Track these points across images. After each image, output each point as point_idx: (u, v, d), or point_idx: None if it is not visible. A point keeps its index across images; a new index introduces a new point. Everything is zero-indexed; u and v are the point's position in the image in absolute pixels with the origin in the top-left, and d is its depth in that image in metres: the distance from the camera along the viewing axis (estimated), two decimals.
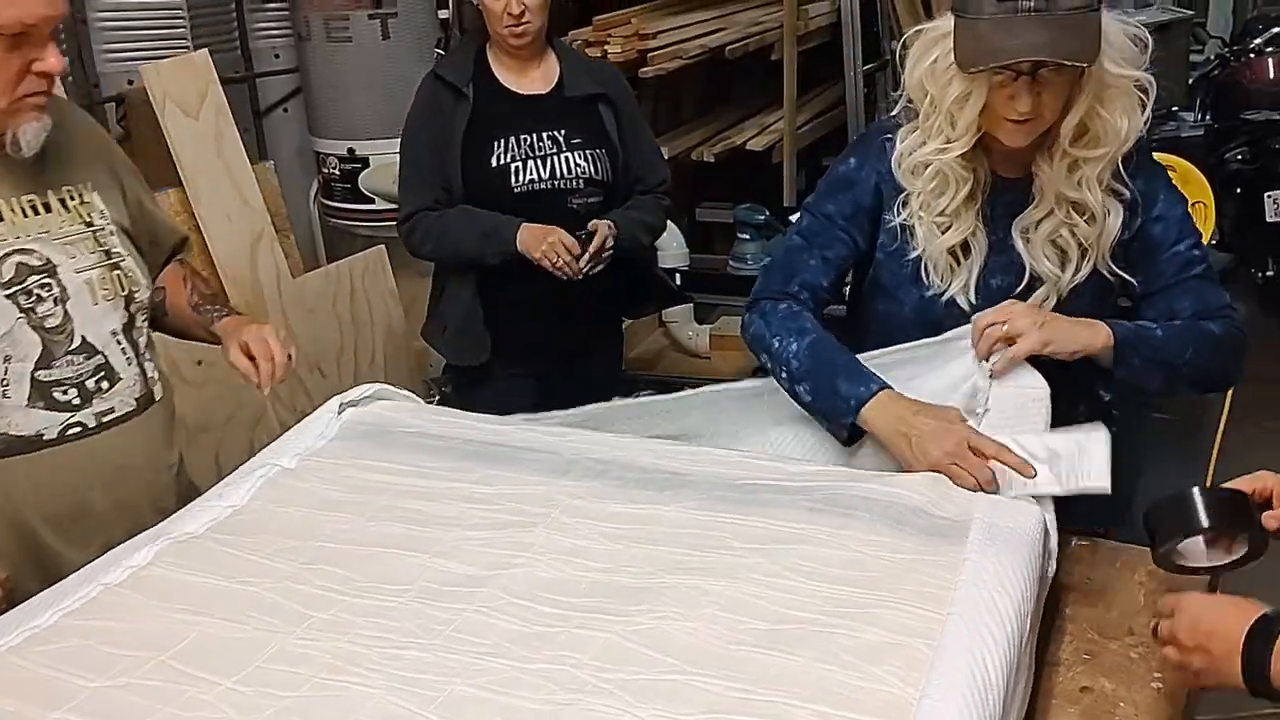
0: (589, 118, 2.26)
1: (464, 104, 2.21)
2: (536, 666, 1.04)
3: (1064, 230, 1.45)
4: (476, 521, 1.31)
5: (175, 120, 2.69)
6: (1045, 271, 1.47)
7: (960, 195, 1.46)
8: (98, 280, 1.44)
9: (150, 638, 1.11)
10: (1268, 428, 2.90)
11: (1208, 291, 1.48)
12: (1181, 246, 1.48)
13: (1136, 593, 1.30)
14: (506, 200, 2.20)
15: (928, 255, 1.50)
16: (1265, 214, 3.73)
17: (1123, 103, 1.40)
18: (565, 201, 2.23)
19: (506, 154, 2.20)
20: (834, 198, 1.57)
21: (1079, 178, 1.42)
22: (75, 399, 1.42)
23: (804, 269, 1.55)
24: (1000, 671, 1.00)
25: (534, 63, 2.25)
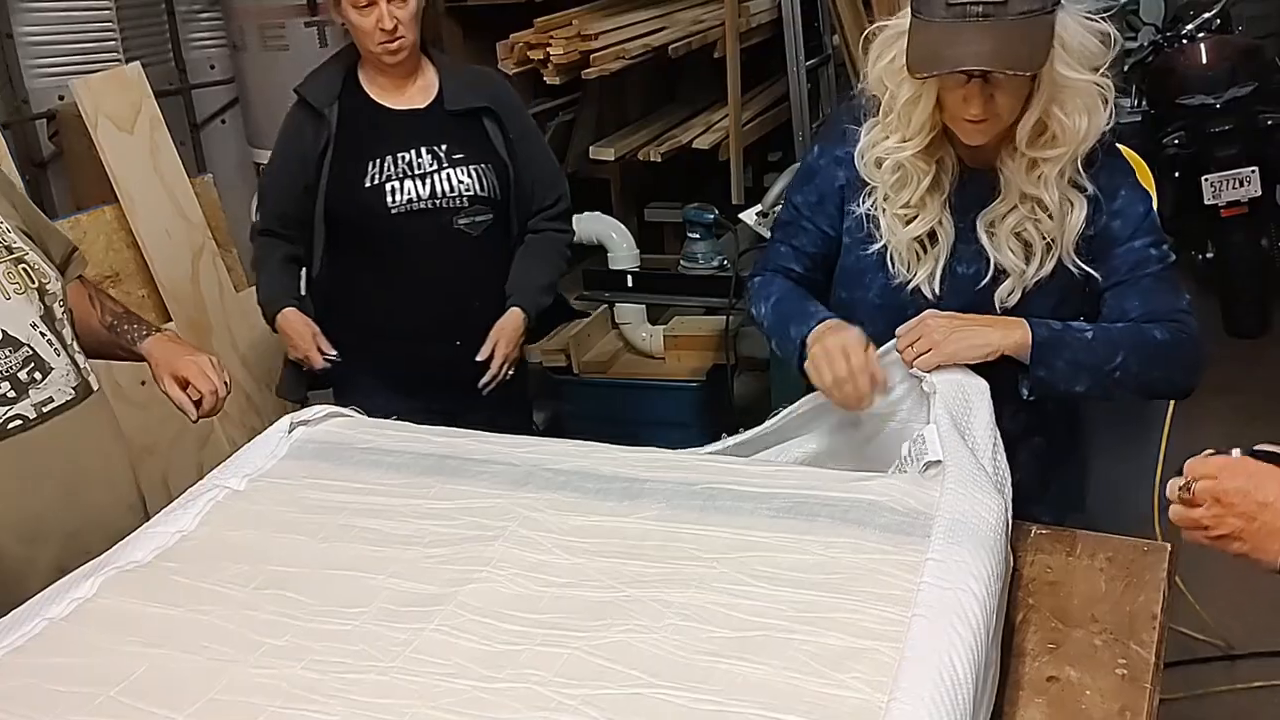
0: (472, 131, 2.13)
1: (324, 127, 2.08)
2: (500, 686, 1.02)
3: (1028, 224, 1.45)
4: (434, 538, 1.28)
5: (109, 135, 2.63)
6: (1009, 264, 1.47)
7: (922, 187, 1.47)
8: (3, 275, 1.43)
9: (98, 673, 1.08)
10: (1212, 407, 2.95)
11: (1160, 293, 1.46)
12: (1137, 243, 1.46)
13: (1097, 579, 1.30)
14: (384, 222, 2.07)
15: (893, 245, 1.51)
16: (1203, 197, 3.79)
17: (1081, 102, 1.39)
18: (450, 221, 2.09)
19: (381, 174, 2.07)
20: (800, 188, 1.62)
21: (1038, 175, 1.42)
22: (10, 392, 1.41)
23: (776, 255, 1.64)
24: (968, 669, 0.99)
25: (410, 78, 2.12)
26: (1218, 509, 1.07)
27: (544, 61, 3.29)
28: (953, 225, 1.49)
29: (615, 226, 3.37)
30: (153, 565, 1.27)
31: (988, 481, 1.24)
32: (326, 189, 2.08)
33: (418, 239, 2.08)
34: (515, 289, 2.16)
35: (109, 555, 1.29)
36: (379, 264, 2.12)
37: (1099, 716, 1.09)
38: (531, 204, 2.21)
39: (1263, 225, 3.92)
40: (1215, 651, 2.43)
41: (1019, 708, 1.11)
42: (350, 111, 2.10)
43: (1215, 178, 3.75)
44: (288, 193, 2.13)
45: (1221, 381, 3.31)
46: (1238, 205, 3.77)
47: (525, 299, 2.15)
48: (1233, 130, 3.75)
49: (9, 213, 1.51)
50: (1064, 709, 1.10)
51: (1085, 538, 1.38)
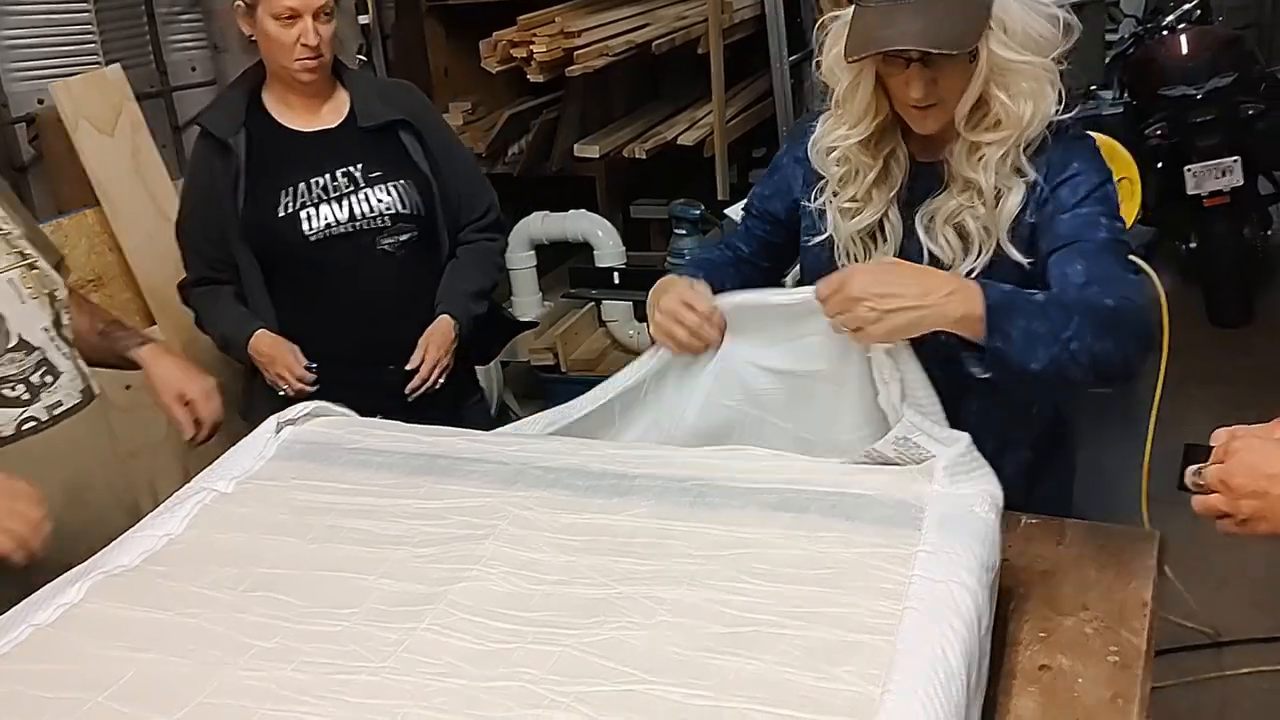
0: (388, 147, 2.04)
1: (232, 159, 1.99)
2: (492, 684, 1.01)
3: (965, 214, 1.42)
4: (424, 538, 1.28)
5: (89, 138, 2.61)
6: (944, 255, 1.45)
7: (866, 181, 1.46)
8: (19, 279, 1.45)
9: (86, 678, 1.07)
10: (1197, 396, 2.97)
11: (1106, 261, 1.36)
12: (1084, 210, 1.39)
13: (1087, 568, 1.31)
14: (302, 251, 1.99)
15: (839, 239, 1.51)
16: (1185, 188, 3.81)
17: (1025, 86, 1.36)
18: (372, 243, 2.02)
19: (295, 201, 1.99)
20: (765, 181, 1.66)
21: (979, 159, 1.40)
22: (24, 394, 1.44)
23: (736, 233, 1.71)
24: (962, 662, 0.99)
25: (320, 98, 2.04)
26: (1229, 494, 1.05)
27: (527, 59, 3.29)
28: (900, 221, 1.48)
29: (601, 224, 3.37)
30: (140, 569, 1.26)
31: (980, 468, 1.24)
32: (242, 222, 1.99)
33: (340, 264, 2.00)
34: (443, 297, 2.09)
35: (95, 560, 1.28)
36: (302, 292, 2.05)
37: (1091, 704, 1.09)
38: (460, 217, 2.14)
39: (1245, 214, 3.94)
40: (1203, 639, 2.44)
41: (1012, 697, 1.11)
42: (258, 139, 2.00)
43: (1197, 168, 3.77)
44: (211, 236, 2.04)
45: (1207, 371, 3.34)
46: (1220, 195, 3.79)
47: (453, 306, 2.09)
48: (1214, 120, 3.77)
49: (15, 220, 1.53)
50: (1056, 697, 1.11)
51: (1075, 527, 1.38)
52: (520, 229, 3.57)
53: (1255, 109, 3.79)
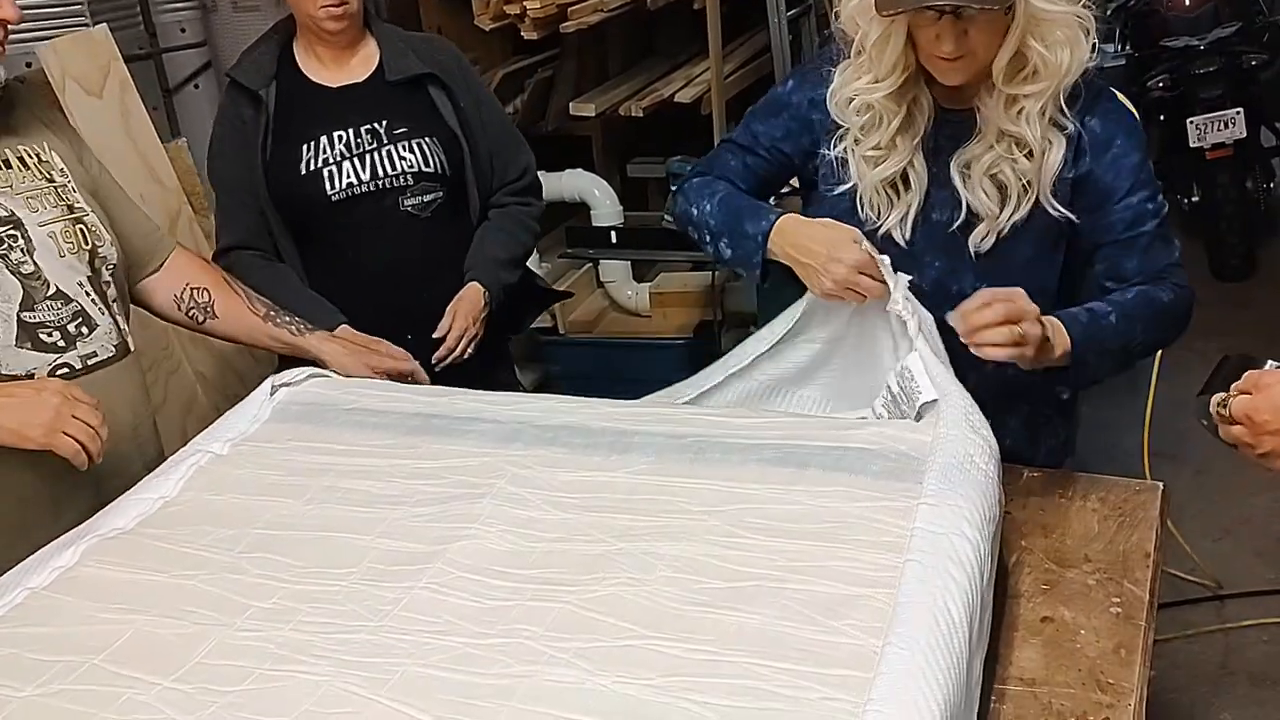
0: (415, 103, 1.96)
1: (261, 111, 1.92)
2: (491, 641, 1.01)
3: (1004, 165, 1.41)
4: (422, 497, 1.27)
5: (77, 99, 2.57)
6: (983, 208, 1.43)
7: (892, 129, 1.43)
8: (60, 234, 1.45)
9: (82, 641, 1.06)
10: (1199, 350, 2.95)
11: (1158, 251, 1.44)
12: (1134, 199, 1.42)
13: (1090, 520, 1.30)
14: (324, 211, 1.92)
15: (862, 189, 1.47)
16: (1188, 140, 3.77)
17: (1061, 34, 1.34)
18: (396, 204, 1.93)
19: (318, 158, 1.91)
20: (765, 119, 1.58)
21: (1018, 111, 1.38)
22: (60, 341, 1.44)
23: (722, 165, 1.59)
24: (963, 613, 0.98)
25: (350, 51, 1.96)
26: (1253, 428, 1.05)
27: (520, 16, 3.24)
28: (925, 169, 1.45)
29: (597, 183, 3.33)
30: (135, 532, 1.25)
31: (980, 421, 1.23)
32: (267, 179, 1.92)
33: (363, 226, 1.92)
34: (473, 264, 2.00)
35: (90, 523, 1.27)
36: (325, 254, 1.97)
37: (1094, 655, 1.09)
38: (492, 179, 2.05)
39: (1248, 167, 3.90)
40: (1205, 592, 2.45)
41: (1014, 649, 1.11)
42: (286, 92, 1.94)
43: (1200, 120, 3.73)
44: (246, 187, 1.94)
45: (1210, 325, 3.30)
46: (1223, 147, 3.75)
47: (484, 274, 1.99)
48: (1217, 71, 3.72)
49: (77, 171, 1.54)
50: (1059, 649, 1.10)
51: (1078, 479, 1.37)
52: None
53: (1259, 59, 3.75)
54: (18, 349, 1.41)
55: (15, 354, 1.41)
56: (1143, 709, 1.03)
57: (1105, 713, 1.02)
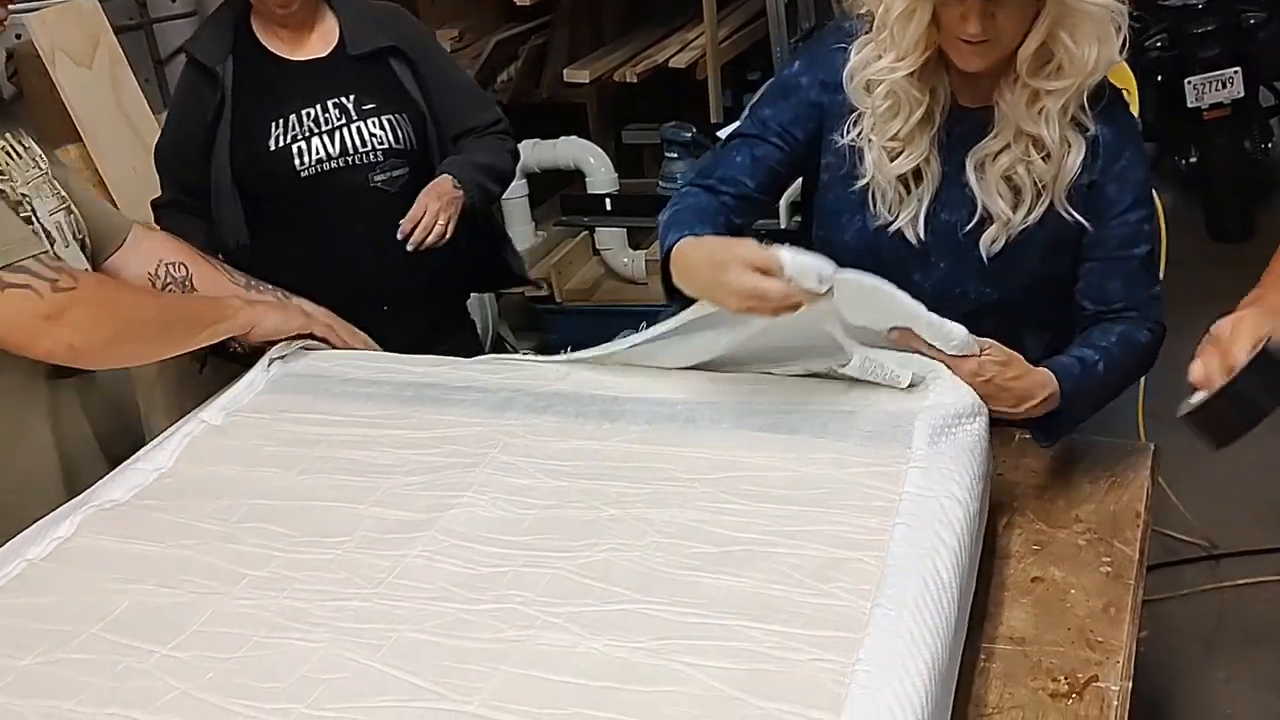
0: (381, 77, 1.94)
1: (218, 88, 1.89)
2: (484, 607, 1.02)
3: (1020, 167, 1.35)
4: (414, 466, 1.27)
5: (66, 71, 2.56)
6: (997, 210, 1.37)
7: (914, 118, 1.35)
8: (65, 224, 1.43)
9: (80, 611, 1.07)
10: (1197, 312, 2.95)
11: (1142, 280, 1.39)
12: (1133, 216, 1.37)
13: (1080, 481, 1.31)
14: (294, 187, 1.90)
15: (876, 183, 1.40)
16: (1185, 100, 3.75)
17: (1092, 29, 1.27)
18: (365, 179, 1.92)
19: (286, 134, 1.89)
20: (773, 103, 1.48)
21: (1039, 109, 1.31)
22: None
23: (729, 164, 1.48)
24: (952, 574, 0.99)
25: (307, 26, 1.92)
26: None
27: None
28: (940, 166, 1.39)
29: (592, 150, 3.32)
30: (131, 504, 1.26)
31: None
32: (231, 155, 1.90)
33: (333, 201, 1.90)
34: (445, 167, 1.93)
35: (87, 494, 1.28)
36: (294, 231, 1.95)
37: (1084, 614, 1.10)
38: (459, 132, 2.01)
39: (1246, 127, 3.88)
40: (1199, 552, 2.46)
41: (1004, 609, 1.12)
42: (246, 67, 1.90)
43: (1198, 80, 3.70)
44: (190, 162, 1.94)
45: (1207, 288, 3.30)
46: (1220, 107, 3.73)
47: (456, 168, 1.92)
48: (1215, 30, 3.69)
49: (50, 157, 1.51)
50: (1049, 608, 1.11)
51: (1067, 440, 1.38)
52: None
53: (1257, 18, 3.71)
54: None
55: None
56: (1131, 667, 1.04)
57: (1094, 670, 1.03)
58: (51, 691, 0.97)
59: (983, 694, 1.02)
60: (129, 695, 0.95)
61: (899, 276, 1.43)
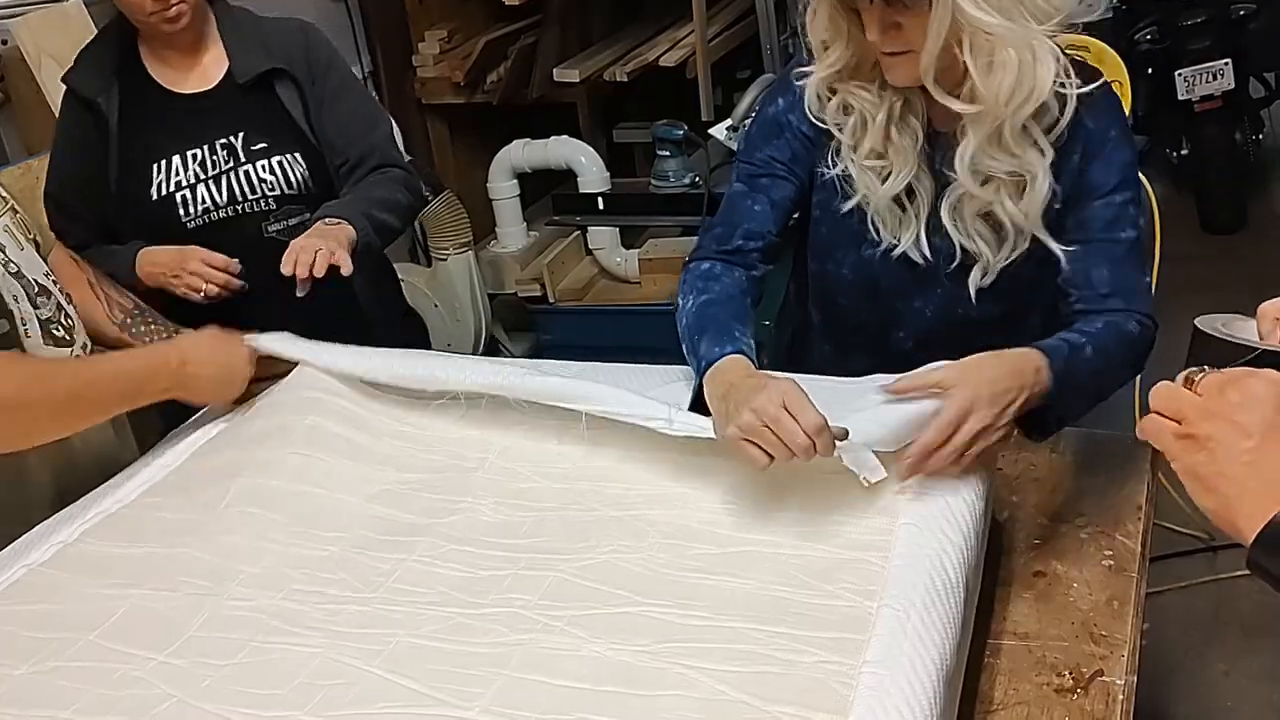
0: (268, 108, 1.75)
1: (103, 122, 1.71)
2: (484, 611, 1.01)
3: (995, 205, 1.30)
4: (410, 464, 1.27)
5: (53, 76, 2.52)
6: (976, 251, 1.33)
7: (879, 122, 1.32)
8: (14, 227, 1.39)
9: (77, 617, 1.06)
10: (1190, 304, 2.95)
11: (1129, 269, 1.31)
12: (1118, 197, 1.30)
13: (1081, 475, 1.30)
14: (180, 240, 1.71)
15: (873, 208, 1.36)
16: (1176, 93, 3.75)
17: (1002, 56, 1.18)
18: (259, 229, 1.75)
19: (169, 180, 1.71)
20: (769, 141, 1.42)
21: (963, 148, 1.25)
22: (65, 335, 1.38)
23: (748, 216, 1.40)
24: (959, 573, 0.99)
25: (198, 50, 1.75)
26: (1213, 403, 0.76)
27: None
28: (932, 184, 1.34)
29: (583, 150, 3.31)
30: (136, 504, 1.26)
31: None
32: (117, 199, 1.72)
33: (224, 253, 1.69)
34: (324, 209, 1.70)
35: (93, 496, 1.28)
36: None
37: (1087, 608, 1.09)
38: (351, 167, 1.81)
39: (1237, 118, 3.88)
40: (1197, 544, 2.46)
41: (1007, 604, 1.11)
42: (131, 100, 1.72)
43: (1188, 72, 3.70)
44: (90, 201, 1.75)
45: (1201, 280, 3.31)
46: (1211, 99, 3.73)
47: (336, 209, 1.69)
48: (1205, 23, 3.69)
49: None
50: (1052, 602, 1.10)
51: (1068, 435, 1.37)
52: (501, 158, 3.50)
53: (1247, 9, 3.71)
54: (45, 347, 1.35)
55: (46, 352, 1.35)
56: (1136, 661, 1.03)
57: (1099, 664, 1.02)
58: (47, 701, 0.96)
59: (987, 690, 1.01)
60: (126, 704, 0.94)
61: (899, 303, 1.44)
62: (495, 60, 3.57)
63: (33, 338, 1.34)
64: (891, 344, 1.48)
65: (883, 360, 1.36)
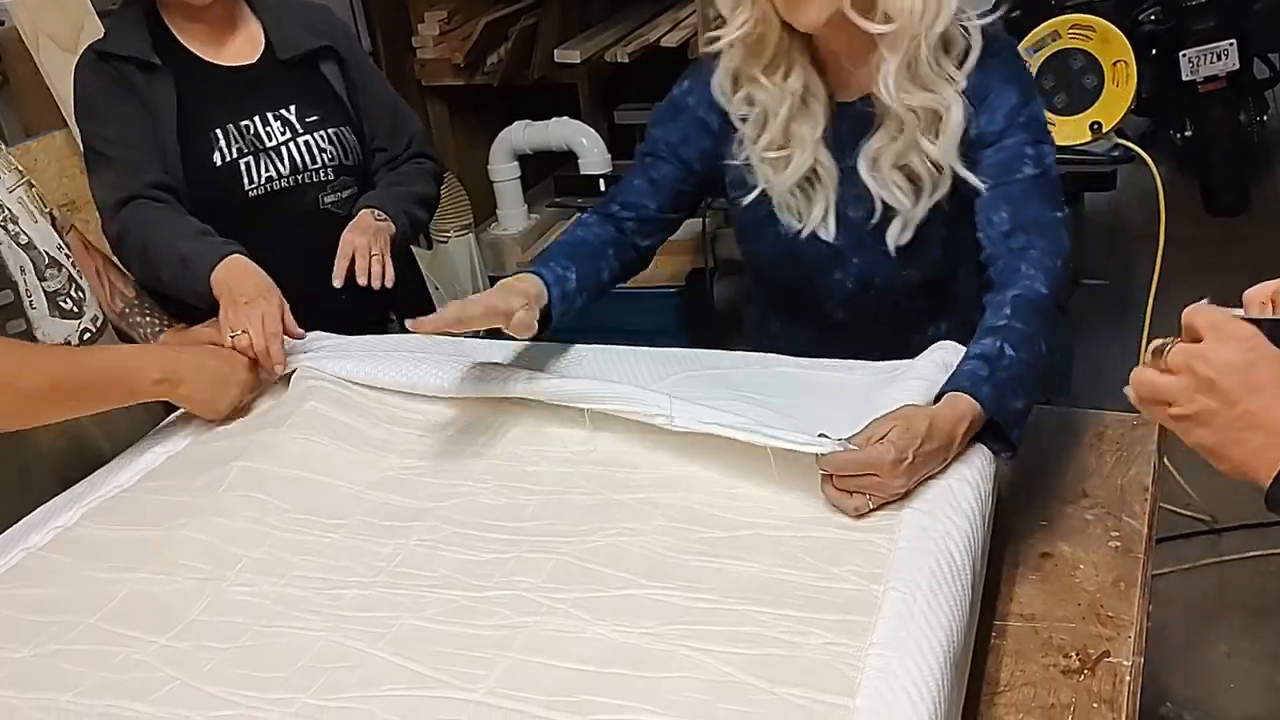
0: (315, 85, 1.76)
1: (164, 78, 1.65)
2: (488, 594, 1.00)
3: (913, 154, 1.31)
4: (409, 449, 1.26)
5: (51, 56, 2.52)
6: (896, 202, 1.34)
7: (780, 118, 1.33)
8: (28, 199, 1.38)
9: (78, 601, 1.05)
10: (1194, 285, 2.94)
11: (1028, 205, 1.28)
12: (1009, 141, 1.29)
13: (1087, 455, 1.29)
14: (239, 208, 1.69)
15: (776, 197, 1.39)
16: (1180, 74, 3.73)
17: None
18: (315, 201, 1.74)
19: (231, 147, 1.68)
20: (664, 123, 1.46)
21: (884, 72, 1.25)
22: (74, 308, 1.38)
23: (628, 190, 1.49)
24: (965, 556, 0.98)
25: (230, 27, 1.72)
26: (1191, 380, 0.79)
27: None
28: (834, 164, 1.36)
29: (585, 131, 3.30)
30: (135, 487, 1.26)
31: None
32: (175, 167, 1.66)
33: (278, 226, 1.69)
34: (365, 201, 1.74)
35: (92, 480, 1.27)
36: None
37: (1093, 589, 1.08)
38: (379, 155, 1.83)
39: (1241, 100, 3.86)
40: (1200, 527, 2.46)
41: (1014, 586, 1.10)
42: (175, 68, 1.67)
43: (1193, 52, 3.68)
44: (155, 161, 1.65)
45: (1204, 262, 3.31)
46: (1215, 80, 3.71)
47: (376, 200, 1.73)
48: (1210, 3, 3.67)
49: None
50: (1059, 583, 1.10)
51: (1074, 415, 1.36)
52: (502, 140, 3.49)
53: None
54: (51, 318, 1.34)
55: (52, 323, 1.35)
56: (1143, 642, 1.03)
57: (1105, 645, 1.01)
58: (48, 684, 0.95)
59: (994, 672, 1.00)
60: (127, 687, 0.93)
61: (820, 278, 1.45)
62: (496, 41, 3.55)
63: (38, 309, 1.33)
64: (825, 315, 1.49)
65: (821, 331, 1.47)
